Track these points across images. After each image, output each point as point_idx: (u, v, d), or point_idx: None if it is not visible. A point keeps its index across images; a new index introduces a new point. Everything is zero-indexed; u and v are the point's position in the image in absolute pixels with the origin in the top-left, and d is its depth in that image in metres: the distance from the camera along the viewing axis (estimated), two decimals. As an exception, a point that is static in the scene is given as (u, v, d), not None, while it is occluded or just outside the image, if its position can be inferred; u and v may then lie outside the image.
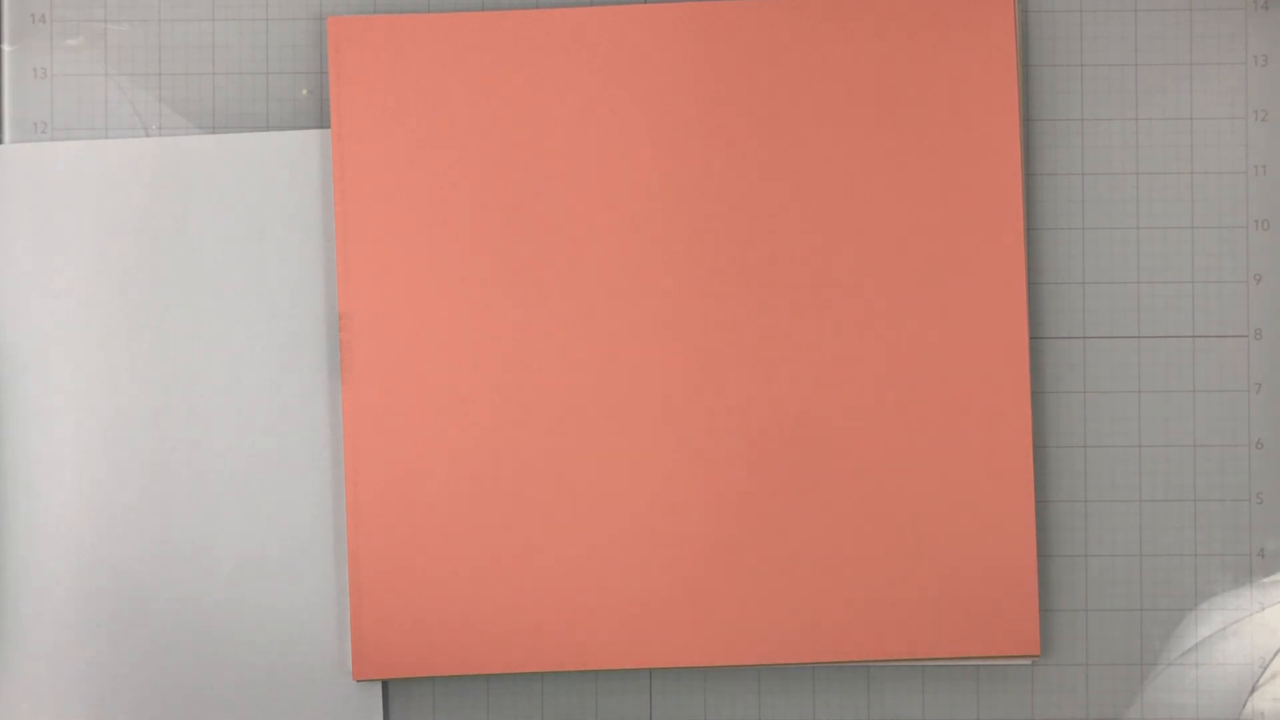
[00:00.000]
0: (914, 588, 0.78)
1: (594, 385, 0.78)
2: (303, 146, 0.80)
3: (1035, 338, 0.81)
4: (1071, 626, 0.80)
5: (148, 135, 0.81)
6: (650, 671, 0.81)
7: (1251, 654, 0.80)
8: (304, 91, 0.81)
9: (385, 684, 0.80)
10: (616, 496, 0.78)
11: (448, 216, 0.79)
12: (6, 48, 0.81)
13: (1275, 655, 0.80)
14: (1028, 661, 0.80)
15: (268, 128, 0.81)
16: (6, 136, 0.81)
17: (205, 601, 0.79)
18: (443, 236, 0.79)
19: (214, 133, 0.81)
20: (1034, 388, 0.80)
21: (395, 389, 0.78)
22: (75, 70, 0.81)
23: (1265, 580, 0.80)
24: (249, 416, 0.79)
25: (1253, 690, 0.80)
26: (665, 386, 0.78)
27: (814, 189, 0.79)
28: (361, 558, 0.78)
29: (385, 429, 0.78)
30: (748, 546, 0.78)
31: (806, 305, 0.78)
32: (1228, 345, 0.81)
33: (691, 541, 0.78)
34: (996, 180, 0.79)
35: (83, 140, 0.80)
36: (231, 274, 0.80)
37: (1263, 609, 0.80)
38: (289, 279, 0.80)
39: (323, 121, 0.81)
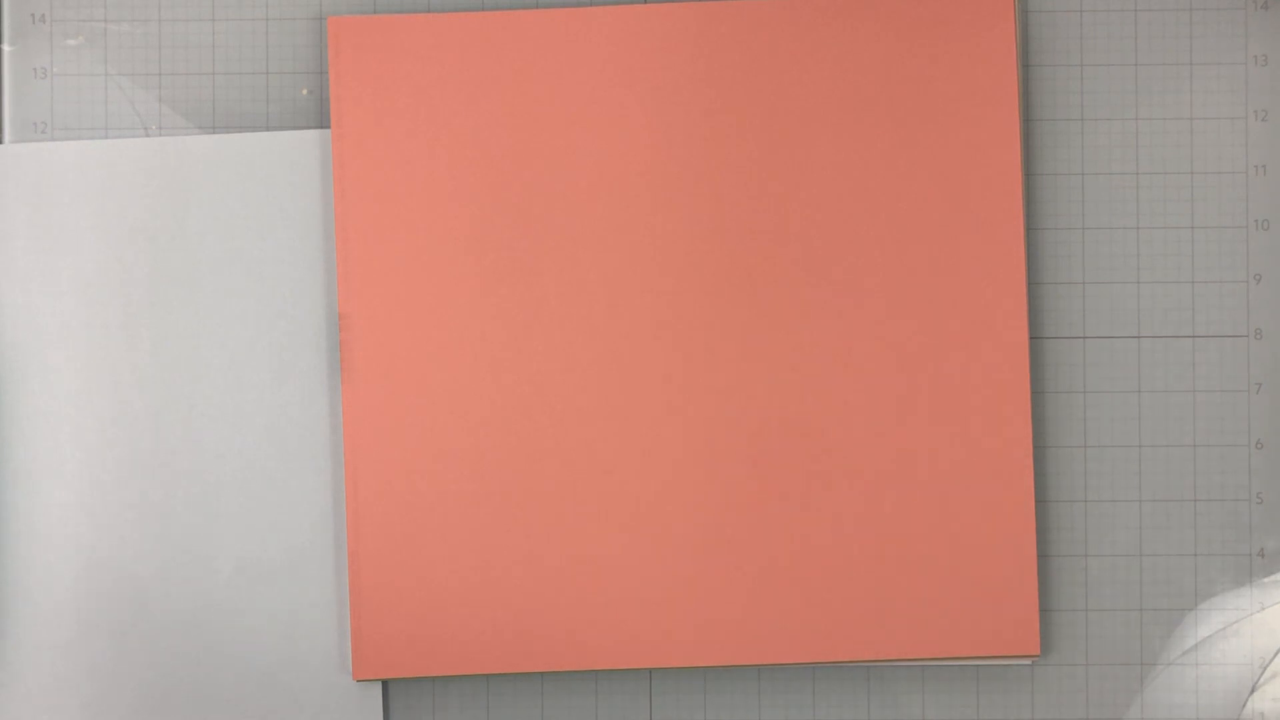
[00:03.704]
0: (914, 588, 0.78)
1: (594, 385, 0.78)
2: (303, 146, 0.80)
3: (1035, 338, 0.81)
4: (1071, 626, 0.80)
5: (148, 135, 0.81)
6: (650, 671, 0.81)
7: (1251, 654, 0.80)
8: (304, 91, 0.81)
9: (385, 684, 0.80)
10: (616, 496, 0.78)
11: (447, 216, 0.79)
12: (6, 48, 0.81)
13: (1275, 655, 0.80)
14: (1028, 661, 0.80)
15: (268, 128, 0.81)
16: (6, 136, 0.81)
17: (205, 601, 0.79)
18: (442, 236, 0.79)
19: (214, 133, 0.81)
20: (1034, 388, 0.80)
21: (395, 389, 0.78)
22: (75, 70, 0.81)
23: (1265, 580, 0.80)
24: (249, 416, 0.79)
25: (1253, 690, 0.80)
26: (665, 386, 0.78)
27: (814, 189, 0.79)
28: (361, 558, 0.78)
29: (385, 429, 0.78)
30: (748, 546, 0.78)
31: (807, 305, 0.78)
32: (1228, 345, 0.81)
33: (692, 541, 0.78)
34: (996, 180, 0.79)
35: (83, 140, 0.80)
36: (231, 274, 0.80)
37: (1263, 609, 0.80)
38: (289, 279, 0.80)
39: (323, 121, 0.81)
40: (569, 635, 0.78)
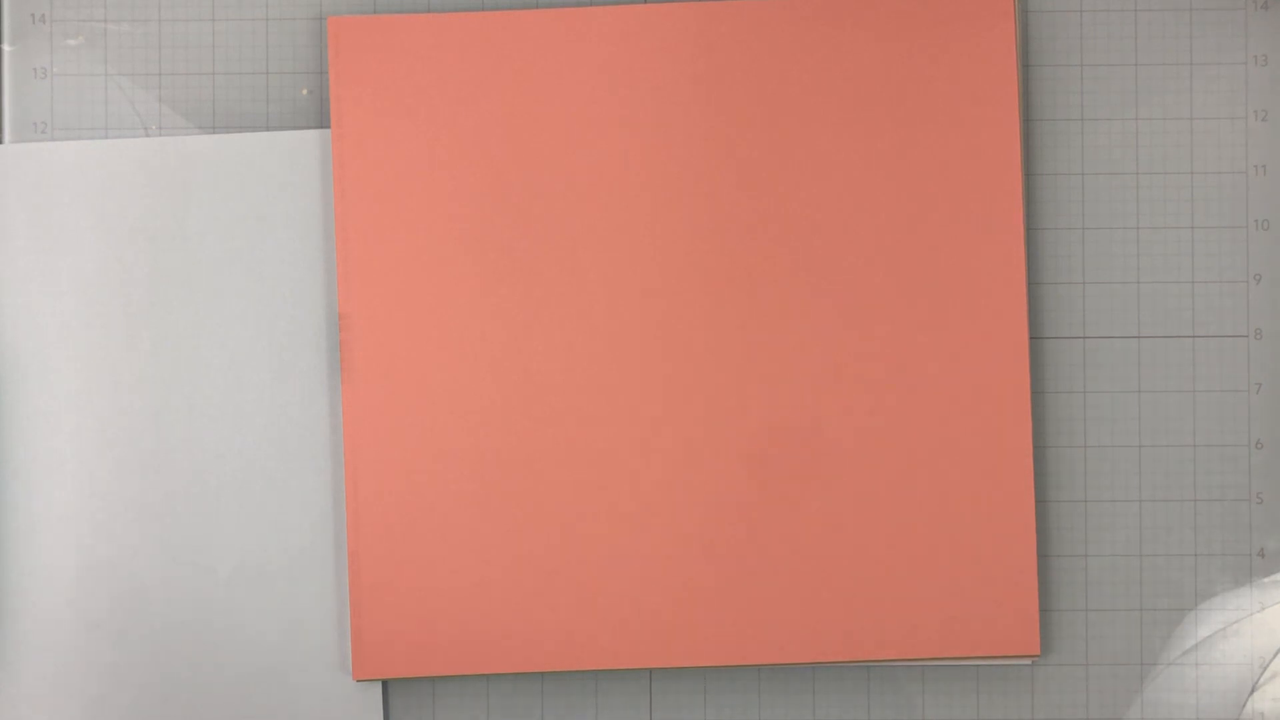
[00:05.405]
0: (914, 588, 0.78)
1: (593, 385, 0.78)
2: (303, 146, 0.80)
3: (1035, 338, 0.81)
4: (1071, 626, 0.80)
5: (148, 135, 0.81)
6: (650, 671, 0.81)
7: (1251, 654, 0.80)
8: (304, 91, 0.81)
9: (385, 684, 0.80)
10: (616, 496, 0.78)
11: (447, 216, 0.79)
12: (6, 48, 0.81)
13: (1275, 655, 0.80)
14: (1028, 661, 0.80)
15: (268, 128, 0.81)
16: (6, 136, 0.81)
17: (205, 601, 0.79)
18: (443, 236, 0.79)
19: (214, 133, 0.81)
20: (1034, 388, 0.80)
21: (395, 389, 0.78)
22: (75, 70, 0.81)
23: (1265, 580, 0.81)
24: (249, 416, 0.79)
25: (1253, 690, 0.80)
26: (665, 386, 0.78)
27: (814, 189, 0.79)
28: (361, 558, 0.78)
29: (385, 429, 0.78)
30: (748, 547, 0.78)
31: (807, 305, 0.78)
32: (1228, 345, 0.81)
33: (692, 542, 0.78)
34: (996, 180, 0.79)
35: (83, 140, 0.80)
36: (231, 274, 0.80)
37: (1263, 609, 0.80)
38: (289, 279, 0.80)
39: (323, 121, 0.81)
40: (569, 635, 0.78)
